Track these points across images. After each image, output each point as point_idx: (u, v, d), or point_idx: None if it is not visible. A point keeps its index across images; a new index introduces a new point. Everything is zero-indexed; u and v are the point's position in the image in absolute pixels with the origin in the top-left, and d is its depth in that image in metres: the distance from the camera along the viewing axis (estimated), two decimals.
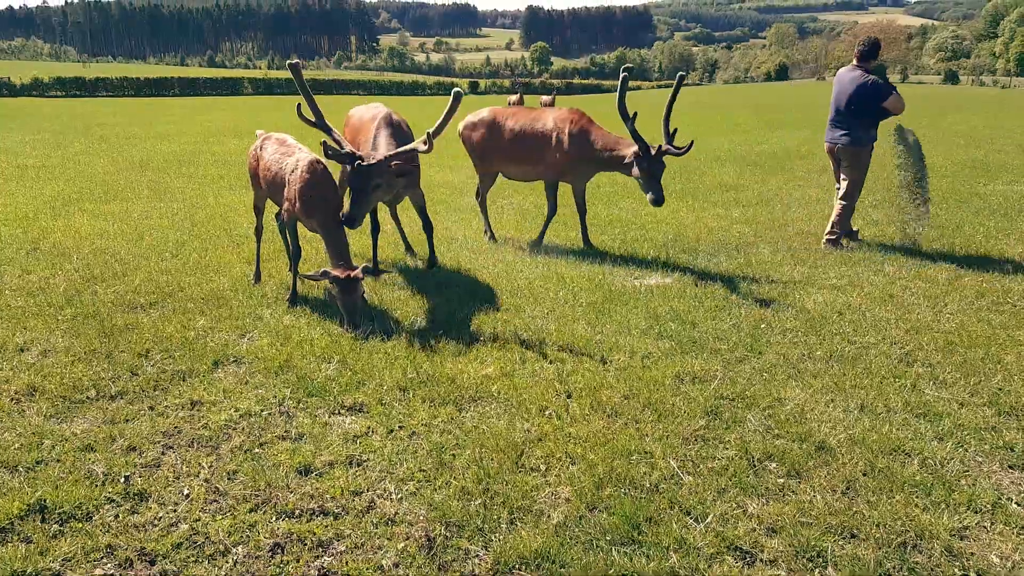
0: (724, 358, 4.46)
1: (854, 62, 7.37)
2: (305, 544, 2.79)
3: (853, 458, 3.30)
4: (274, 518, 2.94)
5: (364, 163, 5.23)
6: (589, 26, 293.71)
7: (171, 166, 13.70)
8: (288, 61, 5.63)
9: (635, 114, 6.30)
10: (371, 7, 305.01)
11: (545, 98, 24.42)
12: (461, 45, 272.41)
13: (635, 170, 6.45)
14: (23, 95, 48.91)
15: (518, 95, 24.17)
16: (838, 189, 7.47)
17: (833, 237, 7.37)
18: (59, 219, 8.47)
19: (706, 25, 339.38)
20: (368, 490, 3.13)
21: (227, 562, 2.70)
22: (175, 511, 2.97)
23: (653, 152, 6.32)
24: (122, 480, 3.16)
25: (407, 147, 5.46)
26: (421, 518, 2.93)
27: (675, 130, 6.40)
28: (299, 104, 5.45)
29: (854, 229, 7.71)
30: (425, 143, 5.22)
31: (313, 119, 5.49)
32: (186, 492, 3.09)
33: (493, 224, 8.01)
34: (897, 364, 4.40)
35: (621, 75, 6.51)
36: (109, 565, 2.67)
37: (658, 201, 6.34)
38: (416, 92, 73.82)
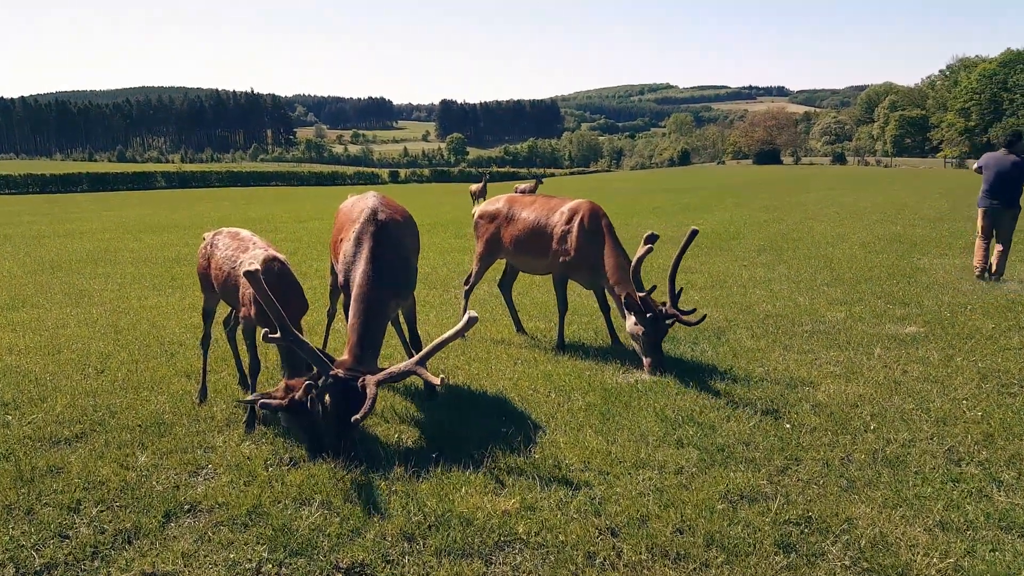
0: (765, 469, 3.97)
1: (1004, 150, 9.64)
2: None
3: None
4: None
5: (355, 418, 3.91)
6: (501, 118, 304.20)
7: (85, 266, 12.56)
8: (244, 270, 4.00)
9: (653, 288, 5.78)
10: (287, 102, 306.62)
11: (522, 185, 24.60)
12: (378, 137, 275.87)
13: (635, 326, 5.70)
14: None
15: (530, 184, 24.92)
16: (978, 236, 9.76)
17: (998, 273, 9.53)
18: None
19: (609, 116, 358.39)
20: None
21: None
22: None
23: (662, 312, 5.62)
24: None
25: (402, 369, 4.24)
26: None
27: (680, 290, 5.87)
28: (264, 332, 4.05)
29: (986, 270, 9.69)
30: (439, 382, 4.04)
31: (279, 335, 4.05)
32: None
33: (449, 320, 7.41)
34: (947, 464, 4.02)
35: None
36: None
37: (656, 368, 5.64)
38: (337, 182, 73.61)
